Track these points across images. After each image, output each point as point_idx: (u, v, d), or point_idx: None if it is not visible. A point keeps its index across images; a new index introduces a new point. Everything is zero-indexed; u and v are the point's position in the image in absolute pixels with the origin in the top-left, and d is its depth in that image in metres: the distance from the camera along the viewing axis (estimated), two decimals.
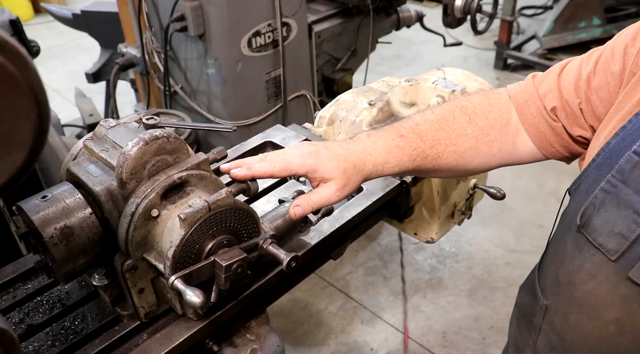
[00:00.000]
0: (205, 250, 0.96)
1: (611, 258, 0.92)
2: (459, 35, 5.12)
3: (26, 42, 1.95)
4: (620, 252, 0.91)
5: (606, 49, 1.02)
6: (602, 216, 0.93)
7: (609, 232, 0.92)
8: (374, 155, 1.08)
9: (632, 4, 4.98)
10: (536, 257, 1.23)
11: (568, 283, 1.04)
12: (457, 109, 1.14)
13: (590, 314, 1.00)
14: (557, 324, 1.09)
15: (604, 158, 0.94)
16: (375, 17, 2.99)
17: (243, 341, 1.14)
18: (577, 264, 1.00)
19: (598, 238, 0.94)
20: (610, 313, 0.97)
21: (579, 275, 1.00)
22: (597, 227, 0.94)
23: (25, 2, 6.83)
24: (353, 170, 1.06)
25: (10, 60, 0.55)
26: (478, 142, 1.12)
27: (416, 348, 2.71)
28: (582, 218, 0.96)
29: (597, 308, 0.99)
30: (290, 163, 1.03)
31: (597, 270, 0.96)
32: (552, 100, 1.07)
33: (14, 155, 0.60)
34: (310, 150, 1.05)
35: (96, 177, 0.96)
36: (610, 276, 0.94)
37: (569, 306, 1.04)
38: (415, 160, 1.10)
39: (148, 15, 2.66)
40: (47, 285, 1.14)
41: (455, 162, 1.13)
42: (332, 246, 1.28)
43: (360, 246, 3.28)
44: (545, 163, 1.26)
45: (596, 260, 0.95)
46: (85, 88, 3.86)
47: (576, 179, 1.02)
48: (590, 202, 0.95)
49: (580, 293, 1.01)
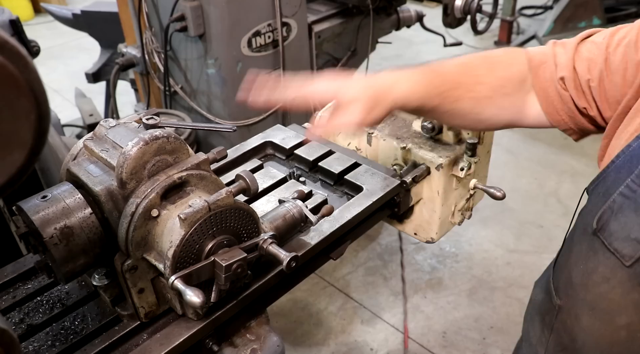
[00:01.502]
0: (205, 250, 0.96)
1: (626, 264, 0.91)
2: (459, 35, 5.12)
3: (26, 42, 1.96)
4: (635, 258, 0.90)
5: (631, 31, 0.99)
6: (619, 221, 0.92)
7: (625, 237, 0.91)
8: (399, 85, 1.08)
9: (632, 4, 4.99)
10: (536, 257, 1.24)
11: (582, 284, 1.03)
12: (480, 57, 1.16)
13: (602, 318, 1.00)
14: (569, 325, 1.09)
15: (624, 161, 0.93)
16: (375, 17, 2.99)
17: (243, 341, 1.14)
18: (591, 266, 0.99)
19: (614, 242, 0.93)
20: (622, 318, 0.96)
21: (592, 278, 0.99)
22: (614, 231, 0.93)
23: (25, 2, 6.83)
24: (380, 95, 1.06)
25: (10, 60, 0.55)
26: (495, 93, 1.13)
27: (416, 348, 2.71)
28: (599, 222, 0.95)
29: (609, 312, 0.98)
30: (317, 86, 1.08)
31: (611, 274, 0.95)
32: (563, 68, 1.07)
33: (14, 155, 0.60)
34: (336, 76, 1.08)
35: (96, 177, 0.96)
36: (624, 281, 0.93)
37: (582, 308, 1.04)
38: (435, 98, 1.10)
39: (148, 15, 2.66)
40: (47, 285, 1.14)
41: (471, 108, 1.14)
42: (332, 246, 1.28)
43: (360, 246, 3.28)
44: (545, 163, 1.27)
45: (610, 264, 0.94)
46: (85, 88, 3.86)
47: (594, 179, 1.01)
48: (608, 206, 0.94)
49: (592, 296, 1.00)
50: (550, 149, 4.04)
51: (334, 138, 1.60)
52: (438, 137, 1.47)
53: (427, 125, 1.44)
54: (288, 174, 1.45)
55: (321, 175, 1.47)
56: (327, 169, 1.44)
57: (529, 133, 4.23)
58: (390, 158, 1.49)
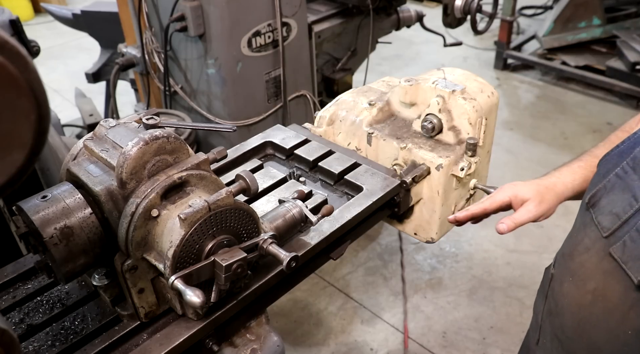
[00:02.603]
0: (205, 250, 0.96)
1: (604, 235, 1.03)
2: (459, 35, 5.13)
3: (26, 42, 1.96)
4: (612, 230, 1.01)
5: None
6: (608, 198, 1.03)
7: (609, 212, 1.02)
8: (561, 178, 1.29)
9: (632, 4, 4.98)
10: (536, 257, 1.29)
11: (569, 254, 1.15)
12: None
13: (577, 284, 1.12)
14: (555, 290, 1.21)
15: (627, 147, 1.03)
16: (375, 17, 2.99)
17: (243, 341, 1.14)
18: (579, 238, 1.11)
19: (599, 216, 1.04)
20: (591, 284, 1.07)
21: (577, 248, 1.11)
22: (601, 207, 1.04)
23: (25, 2, 6.83)
24: (546, 190, 1.27)
25: (10, 60, 0.55)
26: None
27: (416, 348, 2.71)
28: (592, 199, 1.07)
29: (583, 278, 1.10)
30: (496, 196, 1.32)
31: (592, 244, 1.06)
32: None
33: (14, 155, 0.60)
34: (510, 185, 1.33)
35: (96, 177, 0.96)
36: (599, 251, 1.04)
37: (565, 275, 1.16)
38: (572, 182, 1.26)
39: (148, 15, 2.66)
40: (47, 285, 1.14)
41: None
42: (332, 246, 1.28)
43: (360, 246, 3.28)
44: (545, 163, 1.31)
45: (593, 235, 1.06)
46: (85, 88, 3.86)
47: (601, 158, 1.11)
48: (603, 185, 1.04)
49: (574, 265, 1.12)
50: (550, 149, 4.04)
51: (334, 138, 1.60)
52: (438, 137, 1.46)
53: (427, 125, 1.44)
54: (288, 174, 1.45)
55: (321, 175, 1.47)
56: (327, 169, 1.44)
57: (529, 134, 4.23)
58: (390, 158, 1.49)
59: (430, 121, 1.44)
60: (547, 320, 1.26)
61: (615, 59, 4.54)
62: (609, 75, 4.50)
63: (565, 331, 1.18)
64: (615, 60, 4.53)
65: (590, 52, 4.80)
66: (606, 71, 4.52)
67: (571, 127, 4.34)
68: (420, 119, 1.47)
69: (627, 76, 4.39)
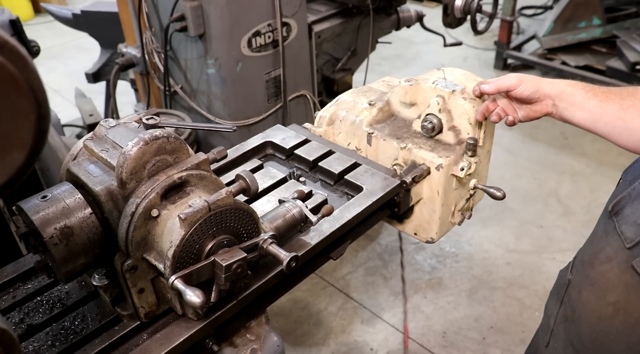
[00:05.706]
0: (205, 250, 0.96)
1: (627, 246, 0.99)
2: (459, 35, 5.13)
3: (26, 42, 1.95)
4: (636, 242, 0.98)
5: None
6: (633, 207, 1.00)
7: (633, 222, 0.99)
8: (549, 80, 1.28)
9: (632, 4, 4.98)
10: (536, 257, 1.28)
11: (589, 262, 1.12)
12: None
13: (597, 294, 1.09)
14: (573, 297, 1.18)
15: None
16: (375, 17, 2.99)
17: (243, 341, 1.14)
18: (600, 246, 1.08)
19: (622, 225, 1.01)
20: (612, 296, 1.05)
21: (598, 257, 1.08)
22: (625, 216, 1.01)
23: (25, 2, 6.83)
24: (531, 78, 1.31)
25: (10, 60, 0.55)
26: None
27: (416, 348, 2.71)
28: (616, 206, 1.04)
29: (603, 289, 1.07)
30: None
31: (614, 255, 1.03)
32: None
33: (14, 155, 0.60)
34: None
35: (96, 177, 0.96)
36: (621, 262, 1.01)
37: (584, 283, 1.13)
38: (582, 89, 1.22)
39: (148, 15, 2.66)
40: (47, 285, 1.14)
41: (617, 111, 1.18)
42: (332, 246, 1.28)
43: (360, 246, 3.28)
44: (545, 163, 1.29)
45: (615, 245, 1.03)
46: (85, 88, 3.86)
47: (628, 167, 1.09)
48: (628, 193, 1.02)
49: (595, 274, 1.09)
50: (550, 149, 4.04)
51: (334, 139, 1.60)
52: (438, 137, 1.47)
53: (427, 125, 1.44)
54: (288, 174, 1.45)
55: (321, 175, 1.47)
56: (327, 169, 1.44)
57: (529, 133, 4.23)
58: (390, 158, 1.49)
59: (430, 121, 1.44)
60: (561, 325, 1.24)
61: (615, 59, 4.54)
62: (609, 75, 4.50)
63: (582, 340, 1.15)
64: (615, 60, 4.53)
65: (590, 52, 4.80)
66: (606, 71, 4.52)
67: (571, 127, 4.31)
68: (420, 119, 1.47)
69: (627, 76, 4.39)
